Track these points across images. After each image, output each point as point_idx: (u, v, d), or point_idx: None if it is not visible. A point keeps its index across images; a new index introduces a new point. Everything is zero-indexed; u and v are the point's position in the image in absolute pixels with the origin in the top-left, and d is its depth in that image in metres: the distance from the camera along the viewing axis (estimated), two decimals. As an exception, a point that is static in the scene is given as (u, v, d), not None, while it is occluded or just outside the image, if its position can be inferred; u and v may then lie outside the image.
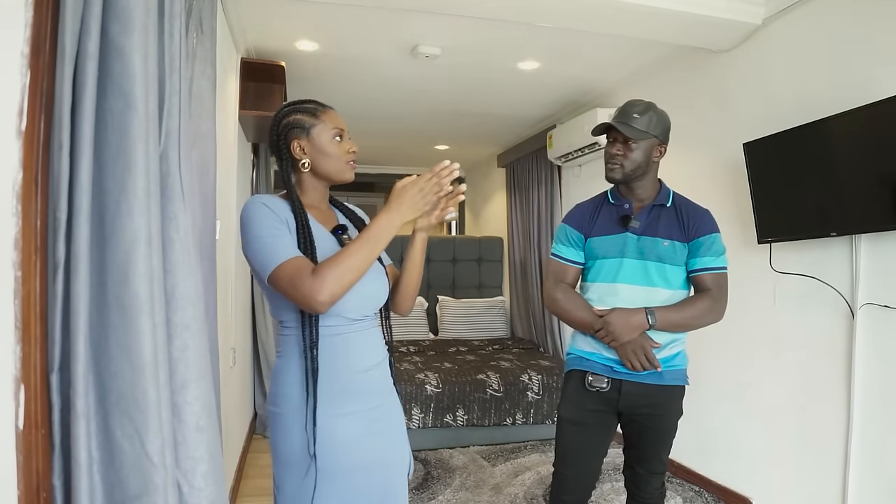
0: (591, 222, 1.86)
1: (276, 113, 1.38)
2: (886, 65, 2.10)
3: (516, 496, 2.97)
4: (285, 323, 1.31)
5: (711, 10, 2.53)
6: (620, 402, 1.79)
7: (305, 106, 1.37)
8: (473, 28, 2.89)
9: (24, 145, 0.83)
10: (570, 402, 1.85)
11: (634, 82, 3.65)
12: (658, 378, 1.77)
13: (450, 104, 4.31)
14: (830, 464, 2.32)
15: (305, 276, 1.16)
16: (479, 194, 6.89)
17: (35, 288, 0.85)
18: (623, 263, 1.78)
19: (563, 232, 1.90)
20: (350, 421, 1.29)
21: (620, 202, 1.86)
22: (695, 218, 1.80)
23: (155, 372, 0.89)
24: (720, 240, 1.81)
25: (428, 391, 3.68)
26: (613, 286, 1.79)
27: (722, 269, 1.80)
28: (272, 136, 1.36)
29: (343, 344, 1.30)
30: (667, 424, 1.83)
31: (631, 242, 1.78)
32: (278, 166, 1.38)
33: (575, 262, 1.87)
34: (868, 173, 2.08)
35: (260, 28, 2.94)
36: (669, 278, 1.78)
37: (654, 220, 1.80)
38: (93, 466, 0.87)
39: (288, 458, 1.27)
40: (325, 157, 1.34)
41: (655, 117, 1.80)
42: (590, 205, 1.92)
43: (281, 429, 1.28)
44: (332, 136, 1.35)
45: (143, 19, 0.90)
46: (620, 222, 1.81)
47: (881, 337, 2.15)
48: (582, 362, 1.84)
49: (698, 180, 3.12)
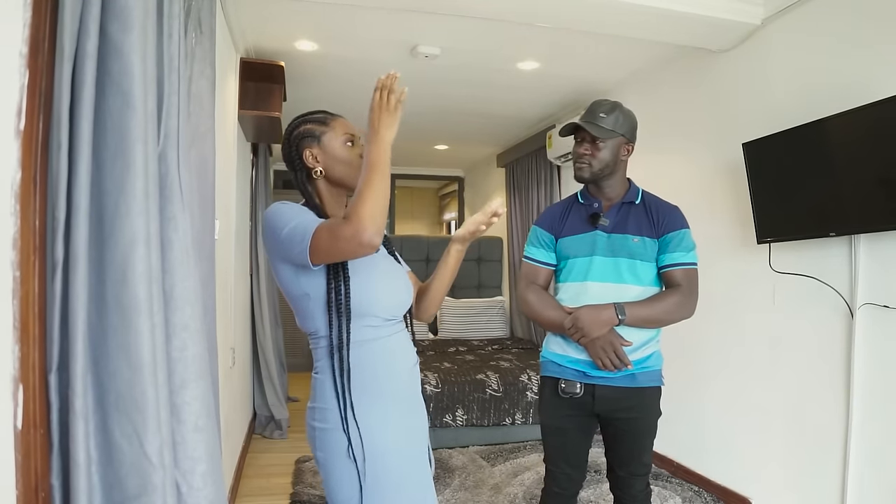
0: (561, 223, 1.87)
1: (287, 126, 1.39)
2: (886, 65, 2.10)
3: (515, 496, 2.97)
4: (317, 332, 1.29)
5: (711, 11, 2.53)
6: (596, 406, 1.78)
7: (315, 115, 1.39)
8: (473, 28, 2.89)
9: (22, 145, 0.83)
10: (546, 409, 1.87)
11: (634, 82, 3.65)
12: (631, 380, 1.77)
13: (450, 104, 4.31)
14: (830, 464, 2.32)
15: (341, 224, 1.14)
16: (478, 194, 6.89)
17: (34, 288, 0.85)
18: (593, 261, 1.79)
19: (534, 234, 1.91)
20: (393, 427, 1.28)
21: (590, 201, 1.86)
22: (664, 214, 1.82)
23: (153, 372, 0.89)
24: (690, 235, 1.83)
25: (427, 391, 3.68)
26: (584, 284, 1.79)
27: (692, 265, 1.82)
28: (285, 149, 1.36)
29: (385, 347, 1.30)
30: (644, 426, 1.83)
31: (601, 240, 1.80)
32: (294, 178, 1.38)
33: (546, 263, 1.88)
34: (867, 173, 2.08)
35: (259, 28, 2.94)
36: (640, 275, 1.78)
37: (623, 217, 1.81)
38: (91, 466, 0.87)
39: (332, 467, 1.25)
40: (338, 162, 1.35)
41: (622, 116, 1.80)
42: (560, 206, 1.93)
43: (330, 444, 1.25)
44: (343, 141, 1.36)
45: (141, 19, 0.90)
46: (590, 221, 1.82)
47: (880, 337, 2.15)
48: (554, 368, 1.84)
49: (697, 180, 3.12)
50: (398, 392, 1.31)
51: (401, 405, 1.31)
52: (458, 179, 7.37)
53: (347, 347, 1.24)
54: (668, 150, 3.39)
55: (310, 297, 1.25)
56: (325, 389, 1.26)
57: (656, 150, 3.53)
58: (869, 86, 2.11)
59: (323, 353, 1.28)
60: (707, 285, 3.04)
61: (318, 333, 1.28)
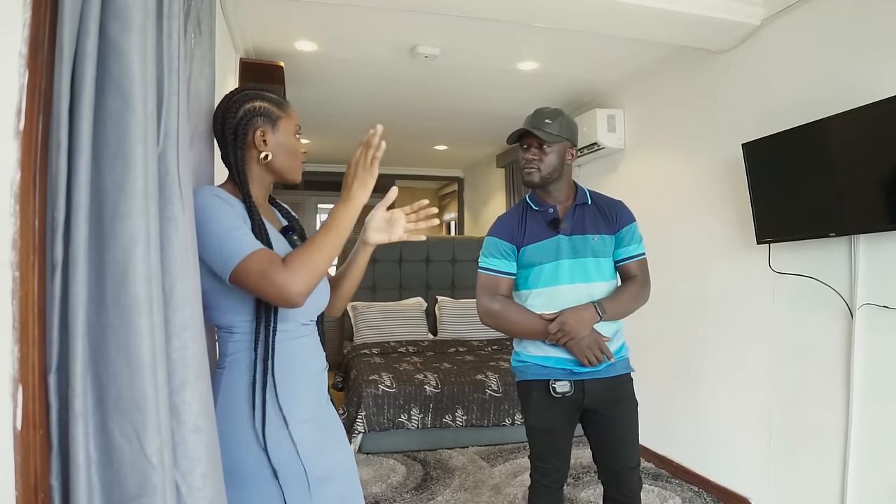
0: (520, 231, 1.89)
1: (231, 94, 1.30)
2: (886, 65, 2.10)
3: (515, 496, 2.97)
4: (234, 329, 1.21)
5: (711, 11, 2.53)
6: (585, 400, 1.85)
7: (269, 95, 1.30)
8: (473, 28, 2.89)
9: (22, 145, 0.83)
10: (537, 411, 1.88)
11: (634, 82, 3.65)
12: (612, 369, 1.86)
13: (449, 104, 4.31)
14: (830, 464, 2.32)
15: (277, 268, 1.09)
16: (478, 194, 6.89)
17: (33, 288, 0.85)
18: (560, 265, 1.85)
19: (492, 245, 1.91)
20: (310, 429, 1.24)
21: (544, 207, 1.91)
22: (615, 210, 1.92)
23: (153, 372, 0.89)
24: (637, 227, 1.94)
25: (427, 391, 3.68)
26: (556, 289, 1.84)
27: (643, 255, 1.94)
28: (228, 116, 1.26)
29: (300, 348, 1.26)
30: (628, 412, 1.90)
31: (564, 244, 1.86)
32: (226, 152, 1.28)
33: (507, 273, 1.90)
34: (867, 173, 2.08)
35: (259, 28, 2.94)
36: (604, 271, 1.88)
37: (580, 219, 1.89)
38: (91, 467, 0.87)
39: (245, 478, 1.17)
40: (286, 152, 1.29)
41: (565, 122, 1.88)
42: (514, 215, 1.95)
43: (233, 447, 1.16)
44: (295, 132, 1.31)
45: (141, 19, 0.90)
46: (550, 226, 1.88)
47: (880, 337, 2.15)
48: (539, 370, 1.86)
49: (697, 180, 3.12)
50: (309, 394, 1.26)
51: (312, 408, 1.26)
52: (458, 180, 7.37)
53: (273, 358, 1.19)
54: (668, 150, 3.39)
55: (231, 291, 1.17)
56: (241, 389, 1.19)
57: (656, 151, 3.53)
58: (869, 86, 2.11)
59: (242, 351, 1.20)
60: (707, 285, 3.05)
61: (236, 330, 1.21)
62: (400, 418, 3.62)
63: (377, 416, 3.58)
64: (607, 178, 3.93)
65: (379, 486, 3.12)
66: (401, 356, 4.39)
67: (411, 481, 3.20)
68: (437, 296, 5.49)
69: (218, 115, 1.29)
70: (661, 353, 3.32)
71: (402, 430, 3.65)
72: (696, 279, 3.11)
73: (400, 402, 3.63)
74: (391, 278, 5.44)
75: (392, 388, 3.64)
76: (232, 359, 1.22)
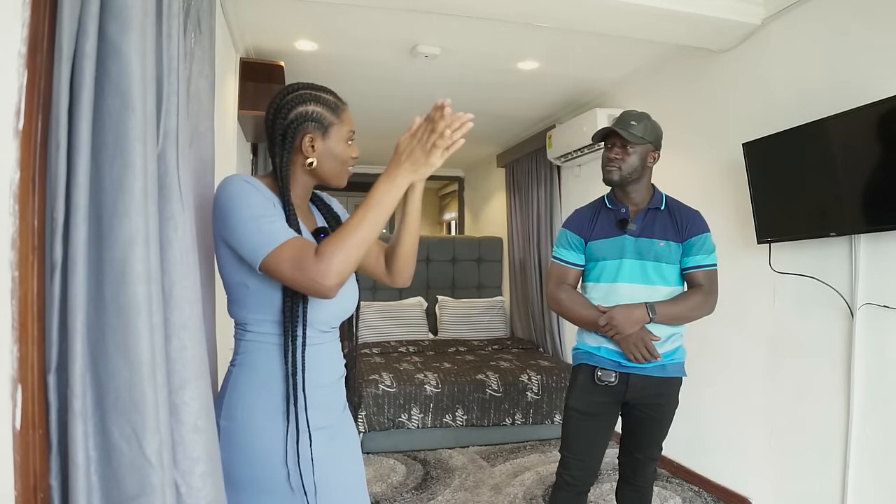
0: (590, 226, 1.97)
1: (286, 91, 1.22)
2: (886, 65, 2.10)
3: (515, 496, 2.97)
4: (248, 327, 1.18)
5: (711, 10, 2.52)
6: (627, 394, 1.90)
7: (326, 98, 1.23)
8: (473, 28, 2.89)
9: (21, 145, 0.83)
10: (579, 393, 1.96)
11: (634, 82, 3.65)
12: (661, 370, 1.90)
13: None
14: (830, 464, 2.32)
15: (310, 258, 1.04)
16: (478, 194, 6.89)
17: (32, 288, 0.85)
18: (623, 264, 1.90)
19: (563, 236, 2.02)
20: (321, 437, 1.21)
21: (617, 206, 1.97)
22: (687, 219, 1.95)
23: (152, 372, 0.89)
24: (710, 238, 1.95)
25: (427, 391, 3.68)
26: (615, 286, 1.91)
27: (713, 266, 1.94)
28: (280, 117, 1.19)
29: (317, 355, 1.20)
30: (667, 413, 1.96)
31: (629, 244, 1.91)
32: (273, 152, 1.21)
33: (576, 264, 1.99)
34: (867, 173, 2.08)
35: (259, 28, 2.94)
36: (666, 276, 1.91)
37: (649, 222, 1.93)
38: (90, 467, 0.87)
39: (247, 481, 1.15)
40: (334, 160, 1.23)
41: (651, 126, 1.93)
42: (588, 210, 2.04)
43: (237, 447, 1.14)
44: (347, 139, 1.25)
45: (140, 19, 0.90)
46: (618, 225, 1.94)
47: (881, 337, 2.14)
48: (590, 357, 1.94)
49: (698, 180, 3.11)
50: (318, 403, 1.21)
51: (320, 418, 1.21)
52: (458, 179, 7.36)
53: (305, 354, 1.16)
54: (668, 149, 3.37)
55: (248, 287, 1.15)
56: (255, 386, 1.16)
57: (656, 150, 3.52)
58: (869, 86, 2.11)
59: (261, 347, 1.18)
60: (707, 285, 3.05)
61: (257, 328, 1.18)
62: (400, 418, 3.62)
63: (377, 415, 3.58)
64: (608, 178, 3.92)
65: (379, 485, 3.12)
66: (401, 356, 4.39)
67: (411, 481, 3.20)
68: (438, 295, 5.50)
69: (270, 112, 1.22)
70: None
71: (402, 430, 3.65)
72: (697, 279, 3.10)
73: (400, 402, 3.63)
74: (392, 278, 5.43)
75: (392, 388, 3.64)
76: (242, 359, 1.19)
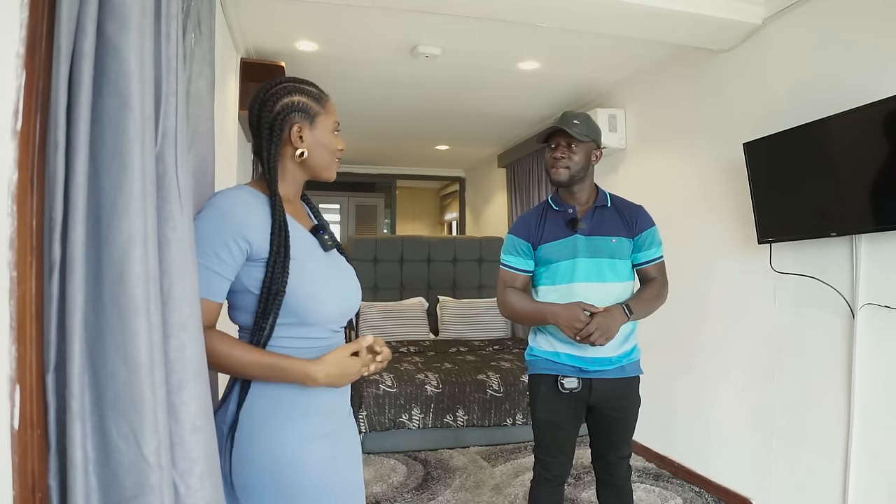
0: (538, 230, 1.97)
1: (270, 85, 1.24)
2: (886, 65, 2.10)
3: (516, 496, 2.97)
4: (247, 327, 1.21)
5: (711, 10, 2.52)
6: (591, 398, 1.91)
7: (309, 89, 1.25)
8: (473, 28, 2.89)
9: (19, 145, 0.83)
10: (544, 405, 1.95)
11: (634, 82, 3.64)
12: (621, 371, 1.93)
13: (450, 104, 4.30)
14: (831, 464, 2.31)
15: (208, 329, 1.11)
16: (479, 194, 6.89)
17: (31, 288, 0.85)
18: (577, 264, 1.91)
19: (511, 242, 2.01)
20: (323, 443, 1.21)
21: (564, 207, 1.98)
22: (635, 215, 1.98)
23: (151, 372, 0.89)
24: (657, 231, 2.00)
25: (428, 391, 3.68)
26: (571, 286, 1.90)
27: (662, 258, 2.01)
28: (265, 110, 1.21)
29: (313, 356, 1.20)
30: (631, 412, 1.99)
31: (581, 243, 1.92)
32: (260, 147, 1.23)
33: (524, 270, 1.99)
34: (868, 173, 2.08)
35: (259, 28, 2.94)
36: (619, 272, 1.93)
37: (598, 220, 1.95)
38: (88, 467, 0.87)
39: (249, 487, 1.16)
40: (323, 150, 1.25)
41: (592, 125, 1.96)
42: (534, 214, 2.03)
43: (241, 452, 1.16)
44: (333, 128, 1.27)
45: (139, 19, 0.90)
46: (568, 226, 1.94)
47: (881, 337, 2.14)
48: (549, 365, 1.93)
49: (698, 180, 3.11)
50: (324, 409, 1.22)
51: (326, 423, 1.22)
52: (459, 180, 7.36)
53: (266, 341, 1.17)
54: (669, 149, 3.39)
55: (251, 293, 1.17)
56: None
57: (657, 150, 3.52)
58: (869, 86, 2.10)
59: None
60: (708, 286, 3.05)
61: (244, 328, 1.21)
62: (401, 418, 3.62)
63: (378, 415, 3.58)
64: (608, 178, 3.92)
65: (380, 485, 3.12)
66: (402, 356, 4.38)
67: (412, 481, 3.20)
68: (439, 296, 5.49)
69: (254, 107, 1.24)
70: (662, 352, 3.31)
71: (403, 430, 3.65)
72: (698, 279, 3.10)
73: (401, 402, 3.63)
74: (392, 278, 5.44)
75: (393, 388, 3.64)
76: None
